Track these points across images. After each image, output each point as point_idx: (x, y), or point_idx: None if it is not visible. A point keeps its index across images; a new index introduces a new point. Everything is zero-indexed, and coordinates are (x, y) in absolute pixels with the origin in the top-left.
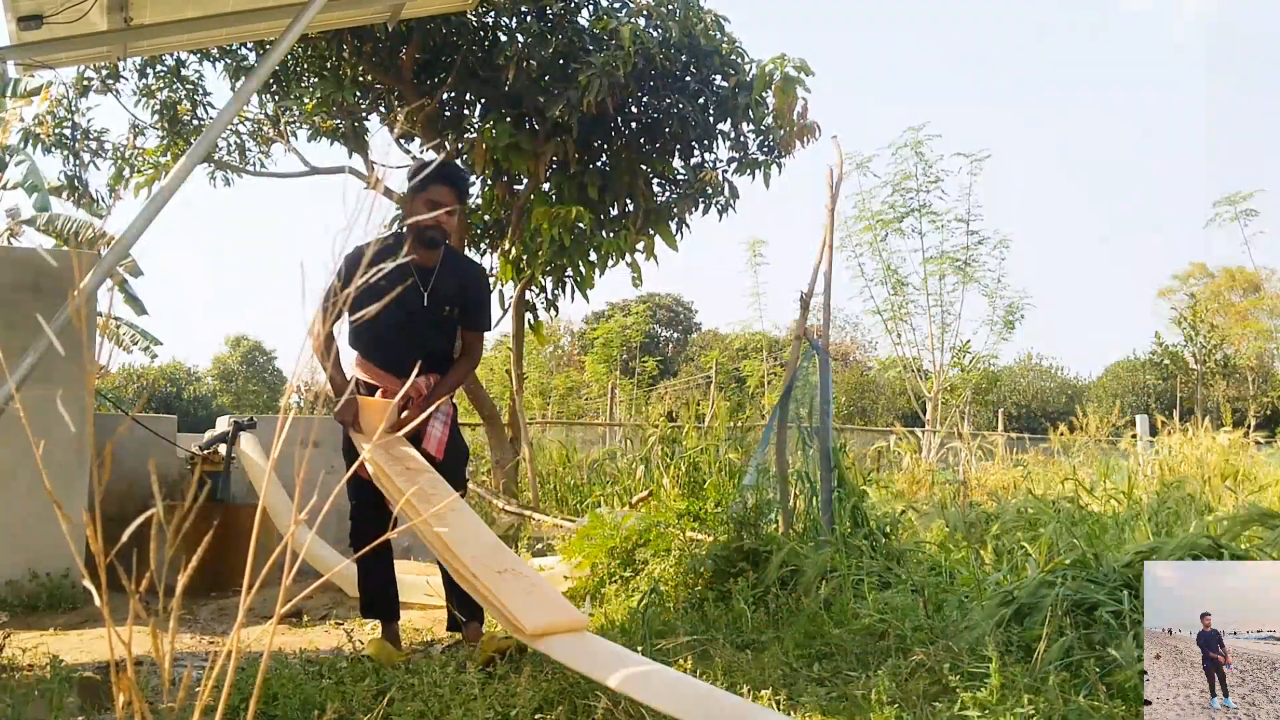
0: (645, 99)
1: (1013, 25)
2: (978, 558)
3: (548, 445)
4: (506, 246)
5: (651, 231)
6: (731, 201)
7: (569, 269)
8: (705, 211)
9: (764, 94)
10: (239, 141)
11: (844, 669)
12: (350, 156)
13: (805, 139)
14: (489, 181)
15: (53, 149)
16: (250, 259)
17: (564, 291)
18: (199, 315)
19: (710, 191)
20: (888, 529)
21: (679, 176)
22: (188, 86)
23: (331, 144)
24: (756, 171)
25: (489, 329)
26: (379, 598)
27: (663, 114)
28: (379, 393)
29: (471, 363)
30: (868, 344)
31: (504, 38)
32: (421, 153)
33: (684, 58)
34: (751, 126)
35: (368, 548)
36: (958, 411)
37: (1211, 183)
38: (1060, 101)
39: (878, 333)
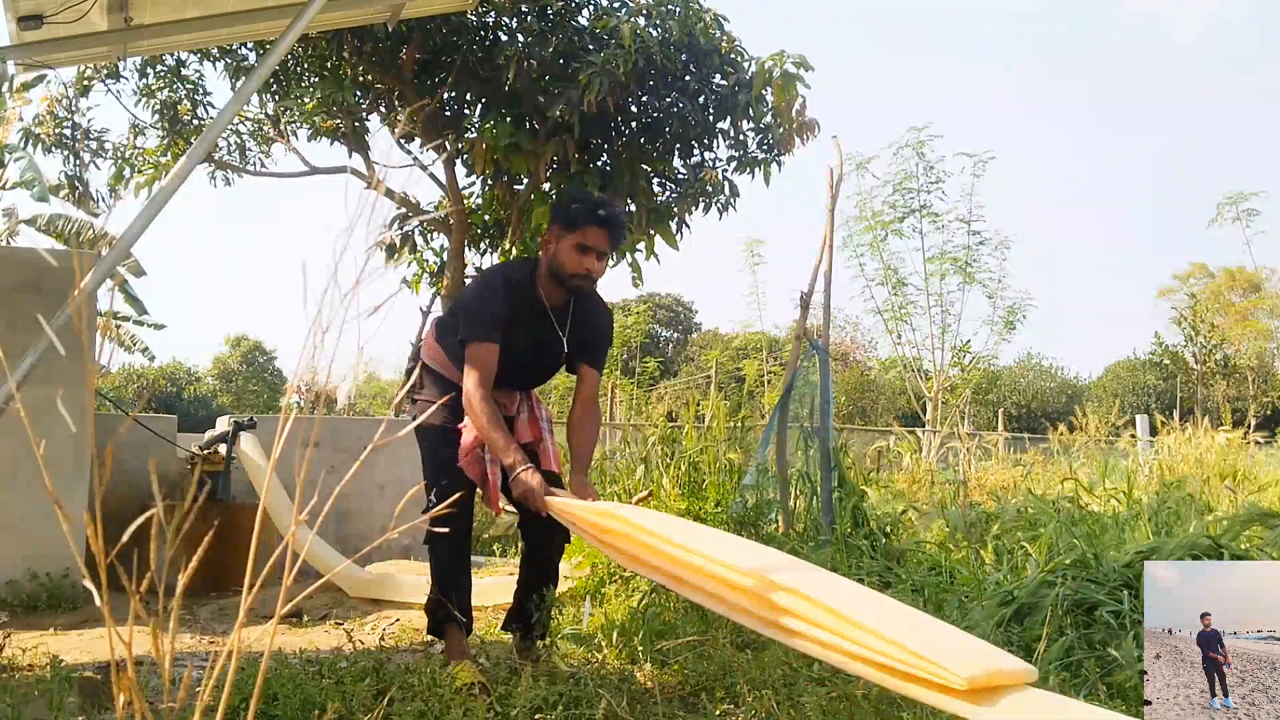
0: (645, 98)
1: (1014, 25)
2: (978, 558)
3: None
4: (507, 246)
5: (652, 231)
6: (732, 201)
7: None
8: (706, 211)
9: (764, 91)
10: (239, 141)
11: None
12: (350, 156)
13: (805, 136)
14: (489, 181)
15: (53, 149)
16: (250, 259)
17: None
18: (199, 315)
19: (711, 191)
20: (888, 529)
21: (679, 176)
22: (188, 86)
23: (332, 144)
24: (756, 170)
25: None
26: (468, 598)
27: (663, 113)
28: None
29: (598, 415)
30: (868, 344)
31: (504, 37)
32: (422, 152)
33: (684, 56)
34: (751, 124)
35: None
36: (958, 411)
37: (1212, 182)
38: (1061, 101)
39: (878, 333)
